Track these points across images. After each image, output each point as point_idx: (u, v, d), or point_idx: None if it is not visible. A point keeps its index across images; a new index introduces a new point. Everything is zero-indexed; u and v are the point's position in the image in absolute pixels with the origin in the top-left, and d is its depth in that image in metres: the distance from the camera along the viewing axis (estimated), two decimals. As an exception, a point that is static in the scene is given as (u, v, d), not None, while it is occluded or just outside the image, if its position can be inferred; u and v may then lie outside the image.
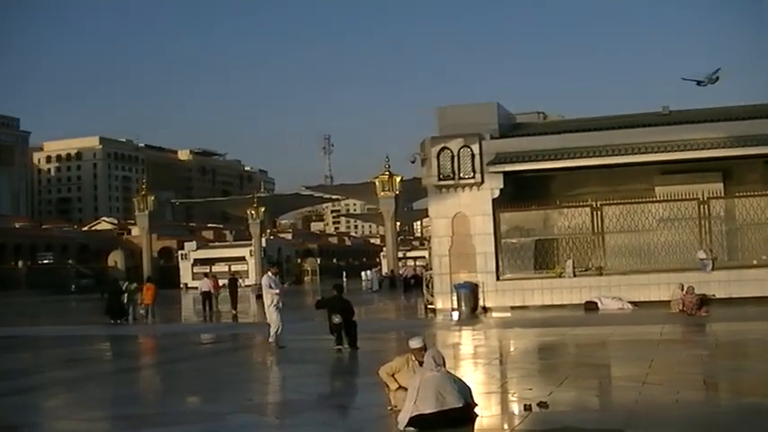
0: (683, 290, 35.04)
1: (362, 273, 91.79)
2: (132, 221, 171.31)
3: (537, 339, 28.40)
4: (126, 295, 46.10)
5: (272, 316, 27.13)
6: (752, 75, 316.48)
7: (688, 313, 33.48)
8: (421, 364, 13.83)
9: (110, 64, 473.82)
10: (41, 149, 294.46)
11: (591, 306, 38.54)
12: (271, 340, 27.23)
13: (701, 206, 40.16)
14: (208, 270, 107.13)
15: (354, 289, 71.35)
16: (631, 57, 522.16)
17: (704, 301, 34.78)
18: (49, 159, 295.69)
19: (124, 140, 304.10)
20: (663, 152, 39.43)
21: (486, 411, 14.56)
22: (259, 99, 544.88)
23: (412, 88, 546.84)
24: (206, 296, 52.86)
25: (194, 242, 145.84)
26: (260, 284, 32.07)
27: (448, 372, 13.67)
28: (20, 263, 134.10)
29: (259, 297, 73.19)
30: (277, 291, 27.37)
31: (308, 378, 20.56)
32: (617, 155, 39.83)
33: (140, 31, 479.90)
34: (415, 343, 14.46)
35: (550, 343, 27.29)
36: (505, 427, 13.91)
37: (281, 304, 27.31)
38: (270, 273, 28.35)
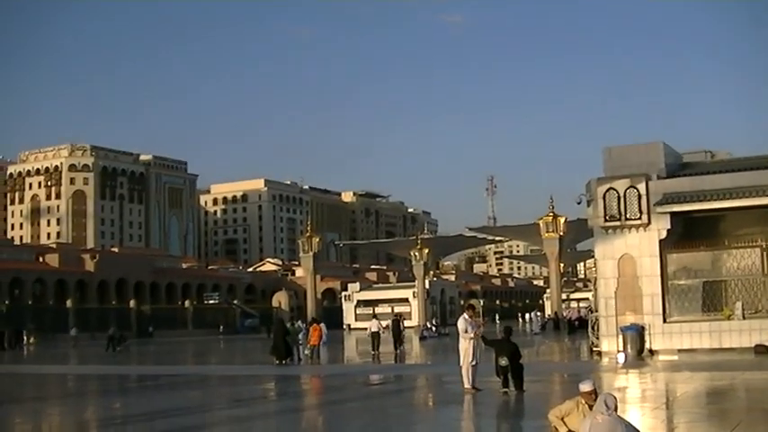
0: None
1: (526, 314, 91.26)
2: (297, 262, 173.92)
3: (706, 383, 27.90)
4: (290, 336, 46.80)
5: (466, 360, 26.44)
6: None
7: None
8: (591, 407, 13.76)
9: (275, 108, 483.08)
10: (208, 192, 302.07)
11: (762, 349, 37.65)
12: (467, 386, 26.34)
13: None
14: (373, 311, 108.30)
15: (518, 331, 71.00)
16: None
17: None
18: (215, 201, 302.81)
19: (289, 183, 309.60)
20: (837, 189, 38.39)
21: (657, 456, 14.43)
22: (421, 140, 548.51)
23: (577, 128, 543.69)
24: (375, 336, 53.36)
25: (358, 283, 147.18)
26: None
27: (619, 416, 13.56)
28: (187, 302, 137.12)
29: (423, 339, 73.88)
30: (472, 335, 26.52)
31: (473, 420, 20.61)
32: (789, 193, 38.91)
33: (303, 76, 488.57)
34: (585, 386, 14.40)
35: (720, 387, 26.80)
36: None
37: (477, 352, 26.63)
38: (466, 315, 27.25)
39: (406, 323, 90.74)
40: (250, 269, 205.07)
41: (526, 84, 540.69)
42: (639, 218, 40.29)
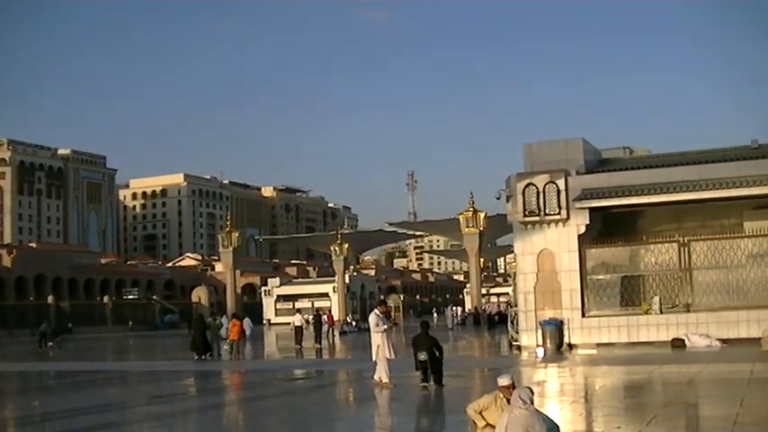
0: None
1: (446, 309, 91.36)
2: (216, 258, 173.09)
3: (624, 377, 28.18)
4: (210, 331, 46.62)
5: (381, 354, 26.93)
6: None
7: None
8: (509, 401, 13.81)
9: (194, 103, 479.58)
10: (128, 187, 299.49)
11: (678, 343, 38.14)
12: (386, 380, 26.67)
13: (793, 242, 39.54)
14: (293, 305, 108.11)
15: (438, 326, 71.15)
16: (717, 89, 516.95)
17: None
18: (135, 196, 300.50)
19: (209, 177, 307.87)
20: (753, 186, 38.83)
21: (575, 450, 14.52)
22: (342, 136, 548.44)
23: (497, 125, 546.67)
24: (298, 330, 53.28)
25: (278, 278, 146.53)
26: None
27: (536, 410, 13.61)
28: (106, 298, 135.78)
29: (343, 333, 73.88)
30: (384, 328, 27.15)
31: (393, 416, 20.60)
32: (706, 190, 39.34)
33: (223, 72, 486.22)
34: (503, 380, 14.44)
35: (637, 381, 27.07)
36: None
37: (390, 344, 27.17)
38: (377, 310, 27.89)
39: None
40: (169, 265, 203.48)
41: (448, 79, 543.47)
42: (558, 213, 40.56)
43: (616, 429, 16.35)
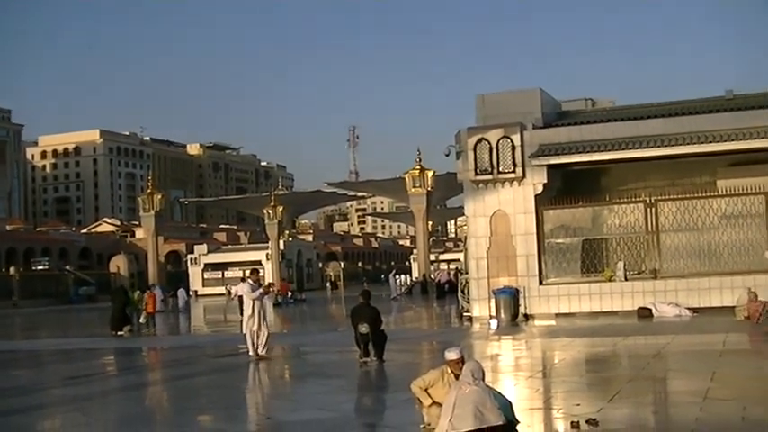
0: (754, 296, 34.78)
1: (391, 277, 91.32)
2: (137, 223, 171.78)
3: (585, 350, 28.33)
4: (131, 305, 46.48)
5: (249, 326, 28.51)
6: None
7: (756, 320, 33.27)
8: (457, 377, 13.78)
9: (112, 51, 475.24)
10: (36, 144, 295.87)
11: (645, 313, 38.41)
12: (251, 352, 28.44)
13: (770, 201, 39.90)
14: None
15: (382, 296, 71.23)
16: (690, 37, 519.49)
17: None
18: (44, 155, 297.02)
19: (128, 134, 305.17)
20: (728, 141, 38.98)
21: (530, 429, 14.56)
22: (276, 88, 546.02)
23: (450, 75, 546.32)
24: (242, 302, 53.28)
25: (205, 245, 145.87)
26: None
27: (487, 386, 13.60)
28: (12, 269, 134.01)
29: (277, 305, 73.75)
30: (258, 293, 28.72)
31: (332, 394, 20.55)
32: (676, 145, 39.48)
33: (146, 17, 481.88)
34: (451, 354, 14.40)
35: (600, 354, 27.25)
36: (552, 446, 13.86)
37: (264, 312, 28.99)
38: (250, 280, 29.58)
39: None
40: (85, 231, 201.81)
41: (392, 27, 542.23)
42: (513, 171, 40.55)
43: (576, 406, 16.38)
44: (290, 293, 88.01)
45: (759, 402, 16.47)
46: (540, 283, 40.71)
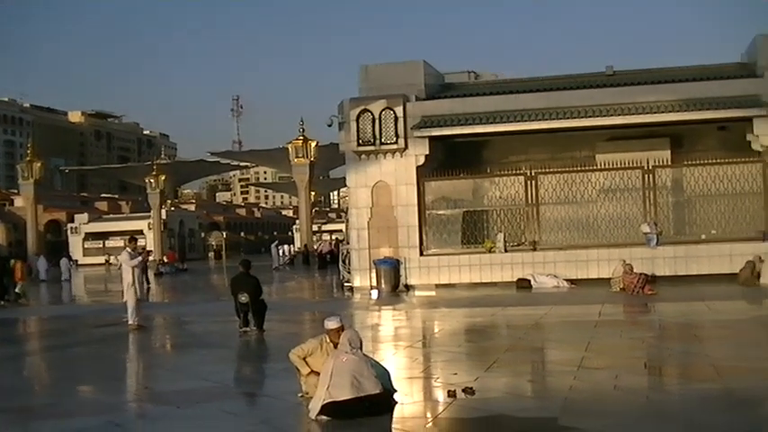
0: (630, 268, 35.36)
1: (273, 247, 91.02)
2: (16, 191, 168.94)
3: (464, 320, 28.46)
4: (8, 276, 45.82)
5: (131, 294, 28.55)
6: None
7: (631, 292, 33.80)
8: (336, 346, 13.82)
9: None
10: None
11: (524, 284, 38.84)
12: (131, 321, 28.44)
13: (646, 175, 40.42)
14: (106, 244, 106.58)
15: (263, 266, 70.99)
16: (570, 12, 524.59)
17: (650, 278, 35.12)
18: None
19: (6, 100, 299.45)
20: (607, 116, 39.48)
21: (407, 398, 14.60)
22: (161, 56, 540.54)
23: (334, 46, 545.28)
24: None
25: (86, 214, 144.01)
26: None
27: (365, 355, 13.68)
28: None
29: (159, 275, 73.29)
30: (137, 261, 28.85)
31: (212, 364, 20.45)
32: (557, 119, 39.87)
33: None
34: (330, 323, 14.43)
35: (479, 324, 27.41)
36: (427, 414, 13.90)
37: (143, 280, 29.76)
38: (128, 249, 29.47)
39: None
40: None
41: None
42: (395, 142, 40.68)
43: (453, 376, 16.50)
44: (172, 263, 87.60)
45: (631, 371, 16.72)
46: (421, 254, 40.94)
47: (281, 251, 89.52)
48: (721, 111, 38.86)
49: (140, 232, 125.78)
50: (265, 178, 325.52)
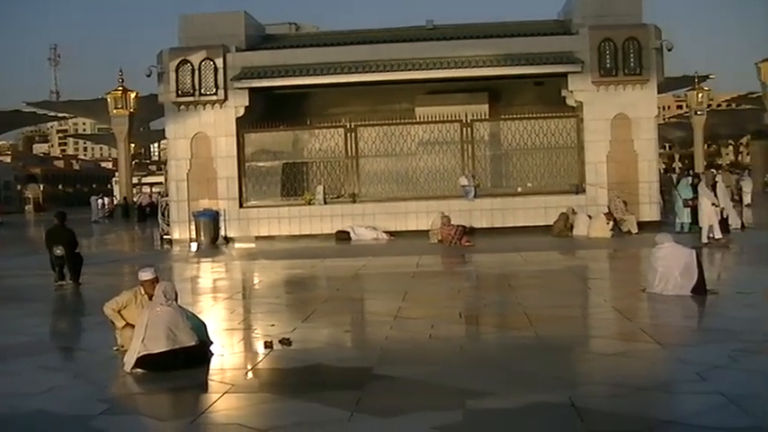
0: (447, 220, 35.83)
1: (92, 200, 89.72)
2: None
3: (283, 272, 28.53)
4: None
5: None
6: None
7: (449, 244, 34.27)
8: (151, 298, 13.72)
9: None
10: None
11: (343, 236, 39.03)
12: None
13: (464, 129, 40.81)
14: None
15: (82, 219, 69.92)
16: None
17: (467, 230, 35.68)
18: None
19: None
20: (426, 69, 39.73)
21: (224, 350, 14.60)
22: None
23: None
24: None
25: None
26: None
27: (180, 307, 13.60)
28: None
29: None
30: None
31: (27, 318, 20.11)
32: (375, 71, 39.99)
33: None
34: (145, 274, 14.33)
35: (298, 276, 27.50)
36: (247, 366, 13.92)
37: None
38: None
39: None
40: None
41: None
42: (215, 93, 40.33)
43: (271, 327, 16.54)
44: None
45: (446, 321, 16.98)
46: (241, 206, 40.81)
47: (99, 204, 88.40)
48: (538, 66, 39.50)
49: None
50: (84, 130, 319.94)
